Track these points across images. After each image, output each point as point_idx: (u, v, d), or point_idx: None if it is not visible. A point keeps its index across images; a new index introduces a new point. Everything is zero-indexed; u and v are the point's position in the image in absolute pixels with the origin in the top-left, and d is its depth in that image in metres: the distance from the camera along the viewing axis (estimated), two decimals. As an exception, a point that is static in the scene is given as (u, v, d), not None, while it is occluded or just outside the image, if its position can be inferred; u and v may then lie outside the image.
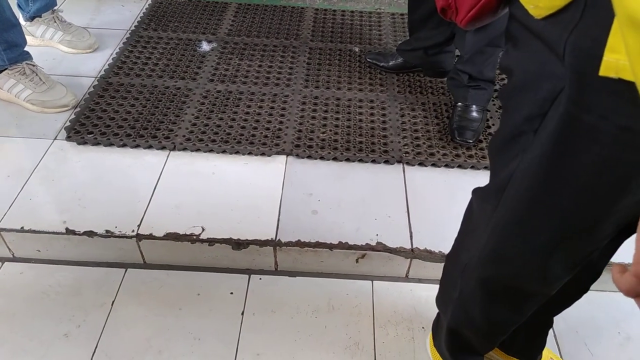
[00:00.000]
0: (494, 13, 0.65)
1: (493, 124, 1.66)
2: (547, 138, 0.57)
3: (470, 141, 1.55)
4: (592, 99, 0.51)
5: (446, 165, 1.52)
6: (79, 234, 1.30)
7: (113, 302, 1.27)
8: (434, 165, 1.52)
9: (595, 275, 0.85)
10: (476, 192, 0.83)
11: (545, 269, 0.71)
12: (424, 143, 1.58)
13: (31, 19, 1.88)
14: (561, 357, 1.20)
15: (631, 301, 1.31)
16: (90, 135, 1.54)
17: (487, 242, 0.75)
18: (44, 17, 1.89)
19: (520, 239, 0.70)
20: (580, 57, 0.50)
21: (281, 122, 1.63)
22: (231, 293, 1.30)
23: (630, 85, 0.46)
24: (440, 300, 1.05)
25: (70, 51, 1.90)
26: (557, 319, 1.24)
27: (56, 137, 1.56)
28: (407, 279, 1.36)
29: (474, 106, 1.59)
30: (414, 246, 1.31)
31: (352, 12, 2.24)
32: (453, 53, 1.77)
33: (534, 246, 0.69)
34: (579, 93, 0.52)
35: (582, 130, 0.54)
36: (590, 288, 1.24)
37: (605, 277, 1.30)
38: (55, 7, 1.93)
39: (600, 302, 1.31)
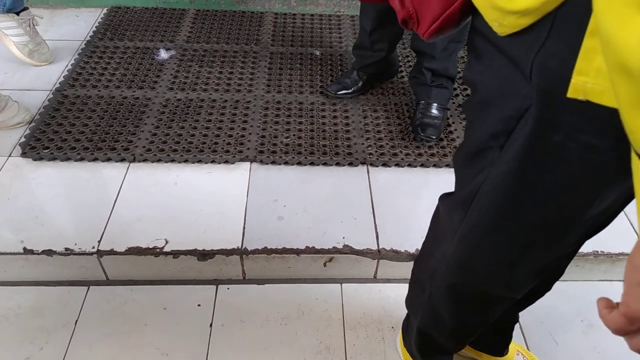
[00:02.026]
0: (457, 25, 0.64)
1: (453, 122, 1.68)
2: (514, 155, 0.57)
3: (433, 137, 1.57)
4: (559, 119, 0.51)
5: (409, 165, 1.53)
6: (38, 253, 1.26)
7: (76, 321, 1.23)
8: (397, 165, 1.53)
9: (558, 275, 0.87)
10: (443, 200, 0.83)
11: (511, 277, 0.73)
12: (387, 144, 1.59)
13: (7, 11, 1.79)
14: (528, 348, 1.22)
15: (593, 290, 1.35)
16: (46, 151, 1.49)
17: (454, 251, 0.76)
18: (21, 16, 1.80)
19: (487, 250, 0.71)
20: (547, 77, 0.50)
21: (244, 129, 1.61)
22: (198, 305, 1.28)
23: (597, 106, 0.46)
24: (409, 302, 1.05)
25: (25, 60, 1.83)
26: (523, 312, 1.27)
27: (10, 153, 1.51)
28: (375, 279, 1.36)
29: (435, 104, 1.62)
30: (381, 247, 1.31)
31: (311, 15, 2.25)
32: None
33: (500, 257, 0.70)
34: (546, 112, 0.52)
35: (548, 149, 0.54)
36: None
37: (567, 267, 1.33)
38: (32, 16, 1.85)
39: (562, 292, 1.34)
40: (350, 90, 1.75)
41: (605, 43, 0.37)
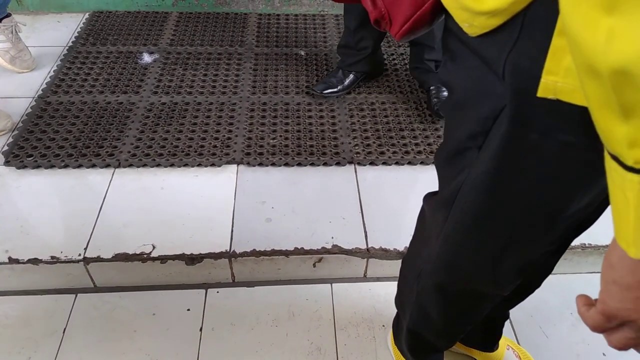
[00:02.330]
0: (429, 25, 0.64)
1: (439, 119, 1.69)
2: (491, 155, 0.57)
3: None
4: (534, 117, 0.51)
5: (396, 163, 1.54)
6: (23, 262, 1.25)
7: (64, 329, 1.22)
8: (384, 163, 1.54)
9: (547, 272, 0.87)
10: (427, 200, 0.83)
11: (496, 274, 0.73)
12: (373, 142, 1.59)
13: None
14: (518, 342, 1.23)
15: (581, 283, 1.35)
16: (29, 159, 1.48)
17: (439, 251, 0.76)
18: (4, 23, 1.78)
19: (471, 248, 0.71)
20: (519, 77, 0.50)
21: (230, 131, 1.60)
22: (188, 310, 1.27)
23: (570, 104, 0.46)
24: (398, 302, 1.05)
25: (6, 66, 1.81)
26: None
27: (-7, 162, 1.49)
28: (365, 278, 1.36)
29: (439, 87, 1.69)
30: (370, 246, 1.31)
31: (295, 15, 2.24)
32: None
33: (484, 255, 0.71)
34: (520, 112, 0.52)
35: (525, 148, 0.54)
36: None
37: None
38: (15, 23, 1.83)
39: (551, 286, 1.34)
40: (336, 89, 1.75)
41: (573, 44, 0.37)
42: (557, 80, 0.46)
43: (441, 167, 0.72)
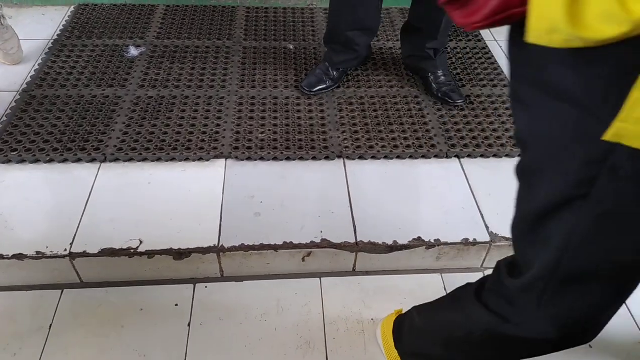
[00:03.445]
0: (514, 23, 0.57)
1: (428, 113, 1.69)
2: (607, 199, 0.54)
3: (461, 100, 1.71)
4: None
5: (385, 157, 1.53)
6: (8, 258, 1.23)
7: (50, 325, 1.21)
8: (373, 157, 1.53)
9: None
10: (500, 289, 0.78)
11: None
12: (363, 136, 1.58)
13: None
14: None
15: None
16: (14, 153, 1.45)
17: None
18: None
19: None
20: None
21: (218, 125, 1.59)
22: (176, 305, 1.26)
23: None
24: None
25: None
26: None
27: (-24, 157, 1.47)
28: (354, 272, 1.36)
29: (441, 71, 1.74)
30: (359, 240, 1.31)
31: (284, 9, 2.23)
32: None
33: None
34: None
35: None
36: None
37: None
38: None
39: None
40: (325, 85, 1.74)
41: None
42: None
43: (526, 234, 0.67)
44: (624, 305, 0.73)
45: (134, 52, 1.88)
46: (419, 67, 1.78)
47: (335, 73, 1.75)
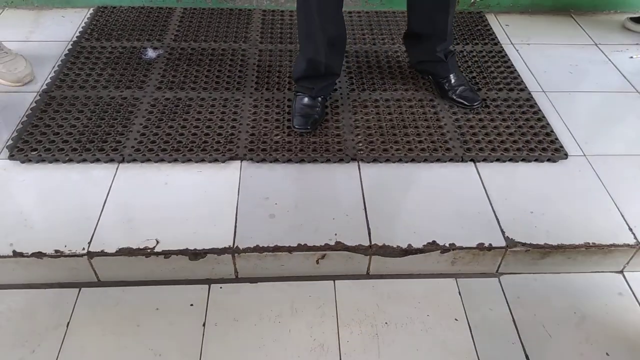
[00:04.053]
0: None
1: (443, 117, 1.68)
2: None
3: (477, 103, 1.72)
4: None
5: (400, 160, 1.53)
6: (27, 256, 1.25)
7: (68, 323, 1.22)
8: (388, 160, 1.53)
9: None
10: None
11: None
12: (377, 139, 1.58)
13: None
14: (521, 341, 1.22)
15: (585, 282, 1.35)
16: (34, 153, 1.48)
17: None
18: None
19: None
20: None
21: (233, 127, 1.60)
22: (191, 305, 1.27)
23: None
24: None
25: None
26: (515, 305, 1.28)
27: (-3, 156, 1.49)
28: (368, 275, 1.36)
29: (454, 74, 1.74)
30: (373, 243, 1.31)
31: (300, 12, 2.23)
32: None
33: None
34: None
35: None
36: (544, 270, 1.29)
37: (560, 259, 1.34)
38: None
39: (555, 285, 1.35)
40: (319, 117, 1.63)
41: None
42: None
43: None
44: None
45: (151, 54, 1.90)
46: (431, 72, 1.78)
47: (320, 100, 1.65)
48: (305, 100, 1.64)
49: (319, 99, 1.65)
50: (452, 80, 1.73)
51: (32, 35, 2.03)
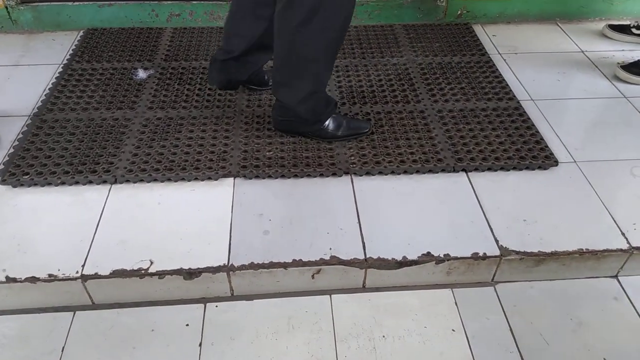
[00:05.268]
0: None
1: (434, 127, 1.70)
2: None
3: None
4: None
5: (392, 172, 1.54)
6: (21, 281, 1.24)
7: (63, 348, 1.21)
8: (380, 173, 1.54)
9: None
10: None
11: None
12: (369, 152, 1.59)
13: None
14: (518, 348, 1.22)
15: (580, 288, 1.35)
16: (26, 177, 1.48)
17: None
18: None
19: None
20: None
21: (226, 145, 1.61)
22: (187, 325, 1.26)
23: None
24: None
25: None
26: (512, 313, 1.28)
27: (-11, 181, 1.49)
28: (364, 289, 1.36)
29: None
30: (368, 256, 1.31)
31: (289, 28, 2.25)
32: None
33: None
34: None
35: None
36: (539, 278, 1.29)
37: (554, 266, 1.34)
38: None
39: (550, 292, 1.35)
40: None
41: None
42: None
43: None
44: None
45: (142, 74, 1.91)
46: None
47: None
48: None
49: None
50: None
51: (23, 59, 2.04)
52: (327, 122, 1.60)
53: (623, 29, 2.24)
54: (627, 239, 1.37)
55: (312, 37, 1.37)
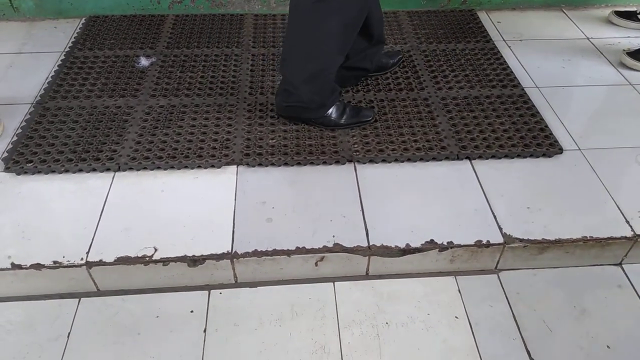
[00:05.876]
0: None
1: (437, 115, 1.69)
2: None
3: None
4: None
5: (396, 160, 1.54)
6: (26, 268, 1.25)
7: (69, 334, 1.22)
8: (384, 161, 1.54)
9: None
10: None
11: None
12: (372, 140, 1.59)
13: None
14: (522, 336, 1.23)
15: (584, 275, 1.35)
16: (29, 164, 1.48)
17: None
18: None
19: None
20: None
21: (229, 132, 1.61)
22: (191, 311, 1.27)
23: None
24: None
25: None
26: (515, 301, 1.28)
27: (-7, 169, 1.49)
28: (367, 276, 1.36)
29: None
30: (371, 243, 1.31)
31: (292, 15, 2.24)
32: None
33: None
34: None
35: None
36: (543, 265, 1.29)
37: (558, 254, 1.34)
38: None
39: (554, 279, 1.35)
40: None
41: None
42: None
43: None
44: None
45: (144, 62, 1.90)
46: (383, 63, 1.86)
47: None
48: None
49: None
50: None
51: (25, 46, 2.03)
52: (330, 110, 1.59)
53: (629, 15, 2.21)
54: (631, 226, 1.36)
55: (329, 15, 1.36)
